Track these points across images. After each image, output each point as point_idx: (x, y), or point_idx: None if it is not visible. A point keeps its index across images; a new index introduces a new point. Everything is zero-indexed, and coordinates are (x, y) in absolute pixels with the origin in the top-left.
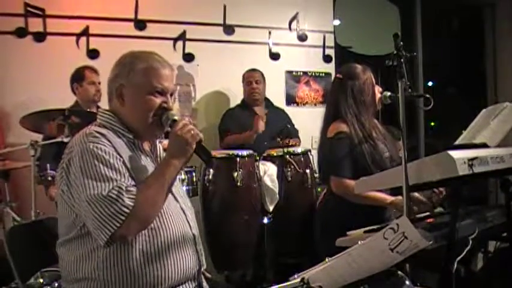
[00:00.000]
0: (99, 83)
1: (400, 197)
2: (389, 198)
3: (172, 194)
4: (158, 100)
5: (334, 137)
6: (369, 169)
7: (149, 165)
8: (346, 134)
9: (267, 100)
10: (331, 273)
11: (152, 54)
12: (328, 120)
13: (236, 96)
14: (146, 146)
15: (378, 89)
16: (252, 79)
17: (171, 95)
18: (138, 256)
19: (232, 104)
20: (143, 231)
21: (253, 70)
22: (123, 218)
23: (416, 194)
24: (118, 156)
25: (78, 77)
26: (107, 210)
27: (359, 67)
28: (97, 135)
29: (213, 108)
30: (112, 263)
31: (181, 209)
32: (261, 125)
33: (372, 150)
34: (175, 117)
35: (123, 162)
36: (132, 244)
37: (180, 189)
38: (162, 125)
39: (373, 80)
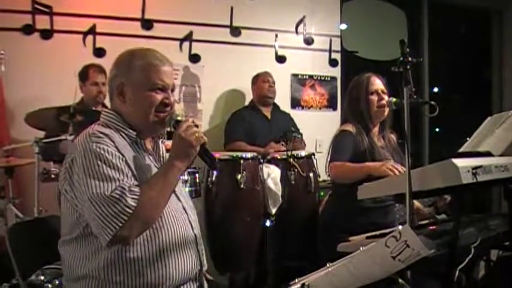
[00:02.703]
0: (103, 84)
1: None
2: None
3: (175, 194)
4: (159, 96)
5: (340, 133)
6: None
7: (152, 165)
8: (350, 132)
9: (274, 104)
10: (331, 279)
11: (150, 51)
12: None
13: (241, 98)
14: (149, 145)
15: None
16: (270, 78)
17: (172, 90)
18: (140, 255)
19: (238, 106)
20: None
21: (267, 72)
22: (125, 218)
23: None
24: (121, 156)
25: (83, 76)
26: (109, 210)
27: (361, 75)
28: (100, 135)
29: (217, 109)
30: (113, 262)
31: (184, 208)
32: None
33: (372, 150)
34: (179, 118)
35: (126, 162)
36: (133, 243)
37: (182, 189)
38: (164, 123)
39: (373, 87)
